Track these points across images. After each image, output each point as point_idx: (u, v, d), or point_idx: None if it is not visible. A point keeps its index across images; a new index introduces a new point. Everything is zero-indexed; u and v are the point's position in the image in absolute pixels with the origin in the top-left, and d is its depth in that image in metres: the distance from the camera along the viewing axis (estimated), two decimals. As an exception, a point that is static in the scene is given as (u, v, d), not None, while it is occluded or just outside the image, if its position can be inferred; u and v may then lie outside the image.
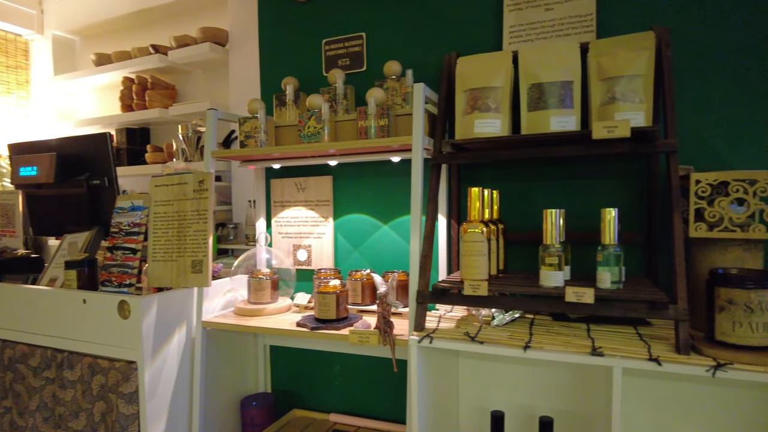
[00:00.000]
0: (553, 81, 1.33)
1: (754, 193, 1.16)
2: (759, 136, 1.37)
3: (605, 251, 1.20)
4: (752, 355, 1.03)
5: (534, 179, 1.59)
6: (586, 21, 1.48)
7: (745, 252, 1.21)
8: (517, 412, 1.57)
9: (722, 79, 1.40)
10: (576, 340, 1.20)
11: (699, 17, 1.41)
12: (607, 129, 1.19)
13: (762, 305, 1.03)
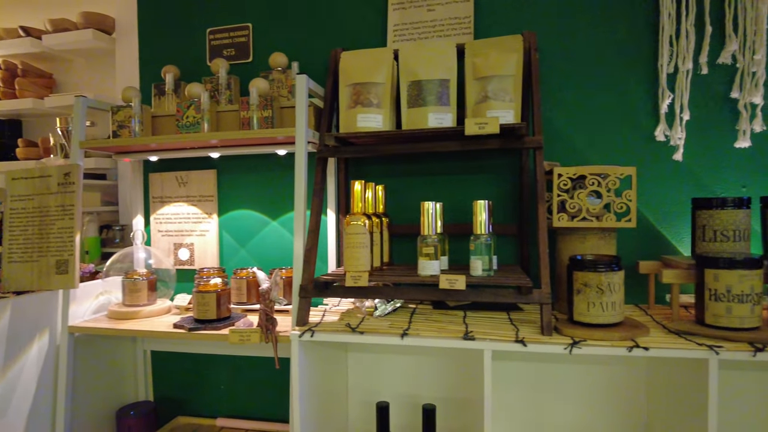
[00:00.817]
0: (431, 79, 1.37)
1: (606, 186, 1.28)
2: (611, 135, 1.51)
3: (477, 241, 1.27)
4: (603, 331, 1.13)
5: (418, 174, 1.64)
6: (464, 23, 1.54)
7: (600, 240, 1.32)
8: (404, 402, 1.61)
9: (582, 83, 1.53)
10: (451, 326, 1.25)
11: (565, 26, 1.53)
12: (479, 125, 1.25)
13: (611, 286, 1.13)
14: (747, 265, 1.08)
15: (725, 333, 1.10)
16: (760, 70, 1.38)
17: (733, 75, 1.43)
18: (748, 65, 1.40)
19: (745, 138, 1.42)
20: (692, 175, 1.47)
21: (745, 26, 1.39)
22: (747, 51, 1.39)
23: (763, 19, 1.37)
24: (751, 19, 1.38)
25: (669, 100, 1.44)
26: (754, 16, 1.38)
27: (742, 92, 1.40)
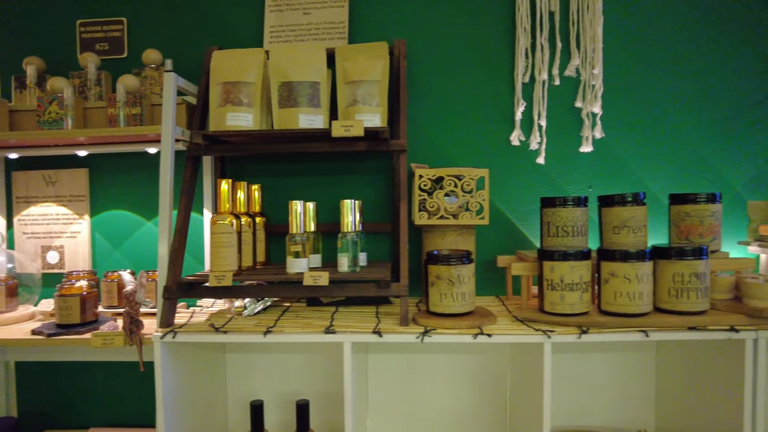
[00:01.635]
0: (302, 81, 1.40)
1: (462, 186, 1.37)
2: (476, 140, 1.62)
3: (344, 239, 1.31)
4: (454, 320, 1.21)
5: (298, 174, 1.66)
6: (339, 28, 1.59)
7: (458, 236, 1.41)
8: (283, 399, 1.62)
9: (450, 91, 1.62)
10: (318, 322, 1.28)
11: (436, 35, 1.62)
12: (344, 128, 1.29)
13: (461, 278, 1.22)
14: (576, 257, 1.20)
15: (559, 318, 1.21)
16: (598, 83, 1.54)
17: (578, 86, 1.58)
18: (588, 78, 1.56)
19: (588, 143, 1.57)
20: (548, 177, 1.61)
21: (585, 43, 1.54)
22: (588, 65, 1.55)
23: (599, 38, 1.53)
24: (590, 37, 1.54)
25: (522, 107, 1.57)
26: (593, 34, 1.53)
27: (584, 102, 1.56)
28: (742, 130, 1.61)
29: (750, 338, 1.17)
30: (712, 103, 1.60)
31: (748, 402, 1.18)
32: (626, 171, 1.61)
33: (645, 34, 1.59)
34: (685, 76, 1.60)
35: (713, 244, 1.32)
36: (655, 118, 1.60)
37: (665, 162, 1.61)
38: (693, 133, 1.61)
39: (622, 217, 1.34)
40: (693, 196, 1.33)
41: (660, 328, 1.17)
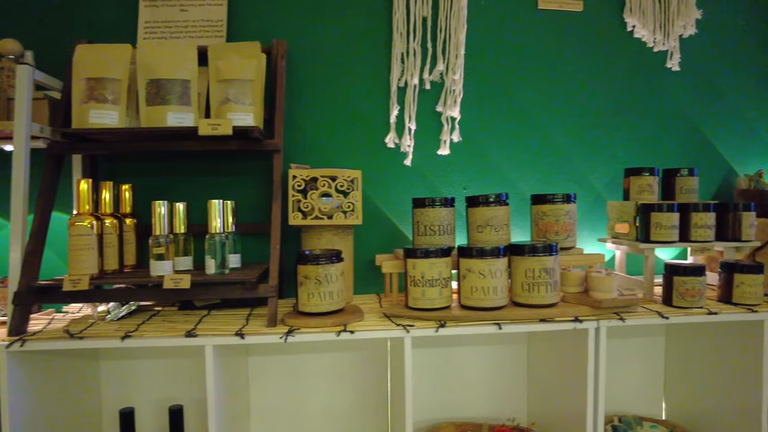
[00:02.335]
0: (171, 78, 1.36)
1: (336, 187, 1.39)
2: (358, 142, 1.64)
3: (211, 240, 1.29)
4: (319, 319, 1.22)
5: (176, 174, 1.62)
6: (217, 26, 1.57)
7: (334, 236, 1.43)
8: (157, 406, 1.57)
9: (333, 93, 1.64)
10: (183, 326, 1.26)
11: (316, 37, 1.63)
12: (212, 126, 1.27)
13: (328, 277, 1.24)
14: (435, 254, 1.25)
15: (421, 313, 1.26)
16: (458, 89, 1.62)
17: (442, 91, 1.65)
18: (450, 84, 1.63)
19: (446, 147, 1.64)
20: (425, 179, 1.67)
21: (449, 50, 1.62)
22: (450, 71, 1.62)
23: (461, 45, 1.60)
24: (454, 44, 1.61)
25: (396, 111, 1.62)
26: (456, 42, 1.61)
27: (445, 107, 1.63)
28: (603, 136, 1.74)
29: (592, 327, 1.26)
30: (578, 111, 1.73)
31: (591, 385, 1.27)
32: (499, 173, 1.69)
33: (515, 44, 1.69)
34: (554, 86, 1.71)
35: (568, 241, 1.42)
36: (526, 124, 1.70)
37: (535, 165, 1.71)
38: (561, 138, 1.72)
39: (485, 216, 1.41)
40: (551, 197, 1.42)
41: (513, 320, 1.24)
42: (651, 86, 1.77)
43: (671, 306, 1.37)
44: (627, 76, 1.75)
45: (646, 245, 1.45)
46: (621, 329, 1.69)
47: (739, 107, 1.82)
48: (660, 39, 1.76)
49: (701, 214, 1.45)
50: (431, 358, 1.65)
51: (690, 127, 1.80)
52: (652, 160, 1.76)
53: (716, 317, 1.31)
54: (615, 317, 1.27)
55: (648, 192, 1.55)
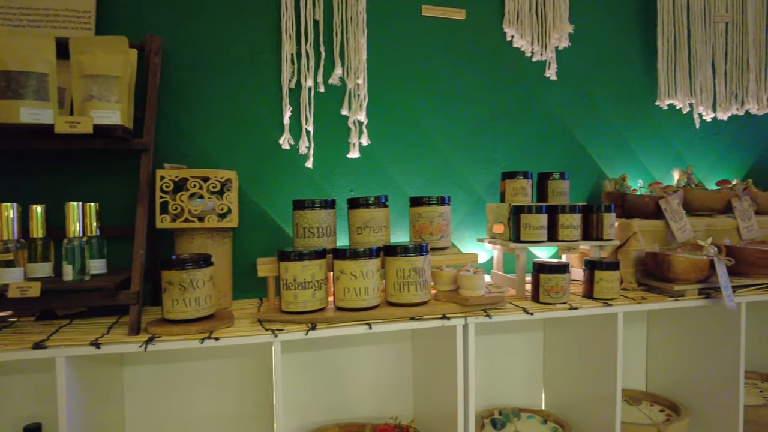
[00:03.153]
0: (25, 71, 1.27)
1: (208, 188, 1.35)
2: (244, 142, 1.61)
3: (69, 245, 1.21)
4: (182, 326, 1.18)
5: (35, 175, 1.50)
6: (84, 17, 1.48)
7: (208, 239, 1.39)
8: (10, 427, 1.45)
9: (215, 91, 1.59)
10: (36, 337, 1.17)
11: (194, 32, 1.58)
12: (70, 124, 1.20)
13: (194, 283, 1.19)
14: (309, 257, 1.24)
15: (294, 317, 1.25)
16: (363, 93, 1.63)
17: (344, 95, 1.66)
18: (354, 88, 1.64)
19: (355, 150, 1.66)
20: (313, 181, 1.66)
21: (349, 54, 1.63)
22: (353, 76, 1.63)
23: (362, 50, 1.62)
24: (354, 48, 1.62)
25: (290, 112, 1.60)
26: (357, 46, 1.62)
27: (350, 111, 1.64)
28: (484, 141, 1.82)
29: (460, 324, 1.31)
30: (461, 117, 1.79)
31: (460, 380, 1.32)
32: (386, 176, 1.72)
33: (400, 50, 1.72)
34: (438, 92, 1.76)
35: (442, 242, 1.46)
36: (412, 129, 1.74)
37: (421, 168, 1.75)
38: (444, 143, 1.77)
39: (364, 218, 1.42)
40: (426, 199, 1.46)
41: (384, 319, 1.26)
42: (530, 94, 1.87)
43: (538, 302, 1.45)
44: (507, 84, 1.84)
45: (517, 245, 1.52)
46: (502, 325, 1.77)
47: (609, 116, 1.96)
48: (538, 50, 1.86)
49: (567, 215, 1.54)
50: (317, 361, 1.65)
51: (565, 134, 1.91)
52: (530, 165, 1.85)
53: (576, 312, 1.40)
54: (482, 314, 1.32)
55: (522, 194, 1.63)
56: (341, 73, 1.63)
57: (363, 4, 1.63)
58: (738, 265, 1.63)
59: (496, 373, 1.79)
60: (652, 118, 2.03)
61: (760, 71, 2.16)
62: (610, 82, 1.97)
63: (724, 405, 1.62)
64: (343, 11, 1.64)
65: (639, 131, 2.01)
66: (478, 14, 1.80)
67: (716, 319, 1.63)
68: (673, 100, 2.01)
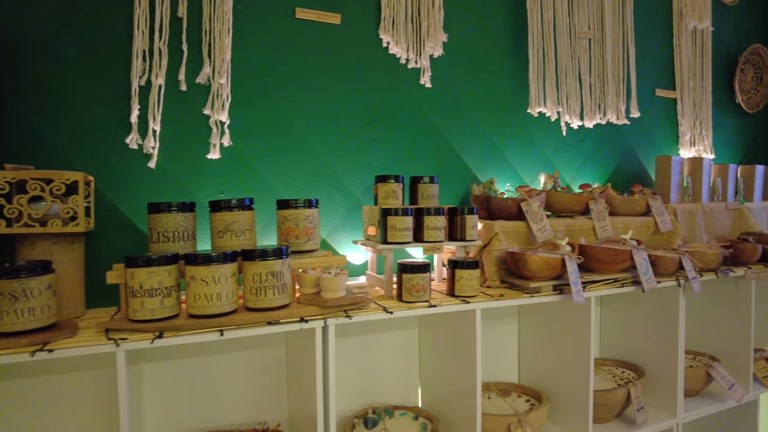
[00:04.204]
0: None
1: (50, 191, 1.27)
2: (94, 141, 1.53)
3: None
4: (12, 339, 1.10)
5: None
6: None
7: (54, 245, 1.31)
8: None
9: (62, 90, 1.49)
10: None
11: (45, 28, 1.48)
12: None
13: (26, 292, 1.12)
14: (156, 263, 1.20)
15: (142, 325, 1.20)
16: (226, 93, 1.60)
17: (209, 94, 1.62)
18: (218, 87, 1.61)
19: (216, 150, 1.62)
20: (177, 182, 1.61)
21: (215, 54, 1.59)
22: (217, 75, 1.59)
23: (227, 49, 1.59)
24: (219, 47, 1.59)
25: (137, 111, 1.54)
26: (221, 45, 1.59)
27: (213, 110, 1.60)
28: (361, 145, 1.85)
29: (319, 326, 1.32)
30: (337, 120, 1.81)
31: (319, 382, 1.33)
32: (260, 179, 1.70)
33: (275, 51, 1.71)
34: (313, 96, 1.77)
35: (309, 244, 1.47)
36: (287, 131, 1.73)
37: (295, 171, 1.75)
38: (320, 146, 1.78)
39: (225, 221, 1.40)
40: (292, 202, 1.46)
41: (239, 325, 1.25)
42: (406, 100, 1.92)
43: (402, 301, 1.49)
44: (383, 89, 1.88)
45: (384, 246, 1.56)
46: (378, 324, 1.80)
47: (481, 123, 2.07)
48: (413, 57, 1.92)
49: (432, 218, 1.60)
50: (186, 369, 1.59)
51: (440, 140, 1.99)
52: (407, 169, 1.91)
53: (435, 309, 1.46)
54: (342, 315, 1.34)
55: (392, 198, 1.67)
56: (209, 72, 1.59)
57: (230, 3, 1.60)
58: (590, 262, 1.77)
59: (374, 372, 1.82)
60: (522, 125, 2.16)
61: (618, 85, 2.36)
62: (483, 90, 2.07)
63: (578, 390, 1.75)
64: (211, 10, 1.61)
65: (510, 138, 2.13)
66: (353, 20, 1.83)
67: (572, 313, 1.76)
68: (542, 108, 2.15)
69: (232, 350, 1.64)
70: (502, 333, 2.05)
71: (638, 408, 1.84)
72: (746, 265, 2.13)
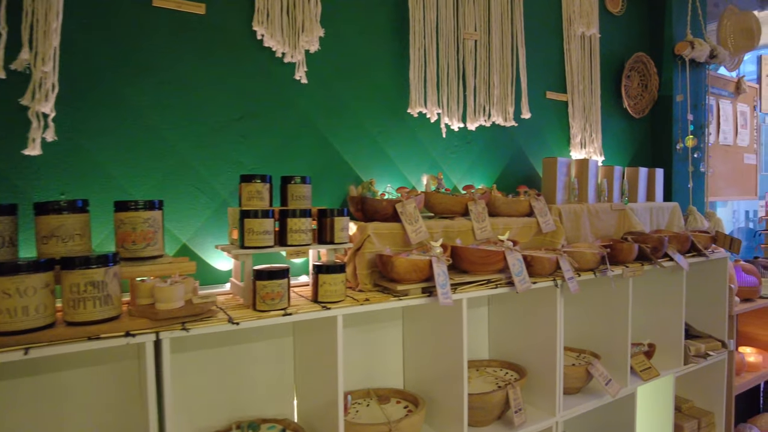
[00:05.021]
0: None
1: None
2: None
3: None
4: None
5: None
6: None
7: None
8: None
9: None
10: None
11: None
12: None
13: None
14: (-55, 274, 1.05)
15: (-74, 346, 1.04)
16: (49, 83, 1.44)
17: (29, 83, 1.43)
18: (41, 76, 1.43)
19: (36, 146, 1.43)
20: (7, 183, 1.43)
21: (37, 37, 1.43)
22: (40, 62, 1.43)
23: (52, 34, 1.43)
24: (43, 32, 1.43)
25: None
26: (47, 30, 1.43)
27: (33, 101, 1.43)
28: (229, 142, 1.74)
29: (150, 341, 1.20)
30: (201, 115, 1.69)
31: (152, 401, 1.21)
32: (107, 178, 1.55)
33: (126, 40, 1.57)
34: (173, 89, 1.64)
35: (149, 250, 1.35)
36: (139, 126, 1.60)
37: (150, 170, 1.62)
38: (181, 142, 1.66)
39: (50, 225, 1.26)
40: (131, 204, 1.33)
41: (51, 342, 1.11)
42: (281, 96, 1.83)
43: (255, 310, 1.40)
44: (255, 83, 1.78)
45: (241, 251, 1.46)
46: (247, 334, 1.70)
47: (364, 122, 2.01)
48: (289, 51, 1.83)
49: (297, 220, 1.52)
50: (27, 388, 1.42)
51: (320, 138, 1.91)
52: (283, 169, 1.82)
53: (291, 318, 1.38)
54: (178, 327, 1.23)
55: (257, 198, 1.57)
56: (27, 58, 1.42)
57: (60, -19, 1.45)
58: (463, 263, 1.75)
59: (243, 385, 1.71)
60: (408, 126, 2.12)
61: (506, 87, 2.38)
62: (366, 88, 2.01)
63: (453, 395, 1.72)
64: (40, -11, 1.44)
65: (395, 138, 2.09)
66: (222, 10, 1.72)
67: (447, 315, 1.73)
68: (422, 108, 2.12)
69: (87, 365, 1.48)
70: (388, 337, 2.00)
71: (516, 410, 1.84)
72: (624, 264, 2.20)
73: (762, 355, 3.21)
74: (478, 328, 2.26)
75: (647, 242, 2.28)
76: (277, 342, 1.77)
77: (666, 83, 3.12)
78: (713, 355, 2.63)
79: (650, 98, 3.09)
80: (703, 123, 3.30)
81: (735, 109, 3.78)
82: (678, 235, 2.46)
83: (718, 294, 2.74)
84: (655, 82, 3.09)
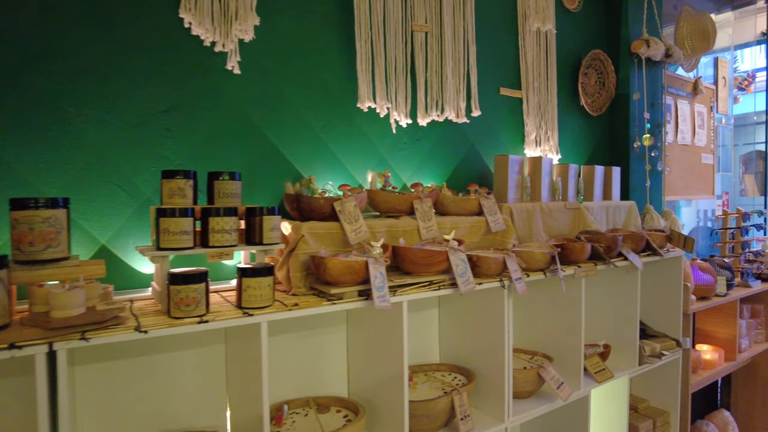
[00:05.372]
0: None
1: None
2: None
3: None
4: None
5: None
6: None
7: None
8: None
9: None
10: None
11: None
12: None
13: None
14: None
15: None
16: None
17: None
18: None
19: None
20: None
21: None
22: None
23: None
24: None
25: None
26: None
27: None
28: (152, 136, 1.62)
29: (42, 353, 1.08)
30: (120, 107, 1.57)
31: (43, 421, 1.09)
32: (12, 174, 1.42)
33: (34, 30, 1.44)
34: (89, 79, 1.52)
35: (49, 253, 1.22)
36: (49, 117, 1.47)
37: (63, 165, 1.49)
38: (98, 135, 1.53)
39: (-71, 226, 1.12)
40: (29, 202, 1.21)
41: None
42: (211, 87, 1.72)
43: (170, 316, 1.29)
44: (182, 73, 1.67)
45: (156, 253, 1.35)
46: (173, 342, 1.58)
47: (306, 116, 1.91)
48: (220, 40, 1.72)
49: (219, 219, 1.42)
50: None
51: (256, 133, 1.81)
52: (214, 165, 1.71)
53: (206, 326, 1.27)
54: (76, 338, 1.11)
55: (179, 196, 1.46)
56: None
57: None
58: (405, 264, 1.67)
59: (172, 395, 1.60)
60: (354, 121, 2.03)
61: (459, 81, 2.31)
62: (308, 81, 1.92)
63: (395, 402, 1.64)
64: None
65: (340, 134, 2.00)
66: (145, -6, 1.60)
67: (388, 319, 1.64)
68: (371, 103, 2.03)
69: None
70: (332, 342, 1.90)
71: (462, 416, 1.77)
72: (576, 264, 2.15)
73: (718, 352, 3.22)
74: (429, 331, 2.18)
75: (601, 241, 2.24)
76: (208, 350, 1.66)
77: (623, 81, 3.10)
78: (668, 355, 2.61)
79: (608, 96, 3.07)
80: (660, 122, 3.30)
81: (693, 110, 3.80)
82: (633, 234, 2.43)
83: (674, 293, 2.72)
84: (613, 80, 3.07)
